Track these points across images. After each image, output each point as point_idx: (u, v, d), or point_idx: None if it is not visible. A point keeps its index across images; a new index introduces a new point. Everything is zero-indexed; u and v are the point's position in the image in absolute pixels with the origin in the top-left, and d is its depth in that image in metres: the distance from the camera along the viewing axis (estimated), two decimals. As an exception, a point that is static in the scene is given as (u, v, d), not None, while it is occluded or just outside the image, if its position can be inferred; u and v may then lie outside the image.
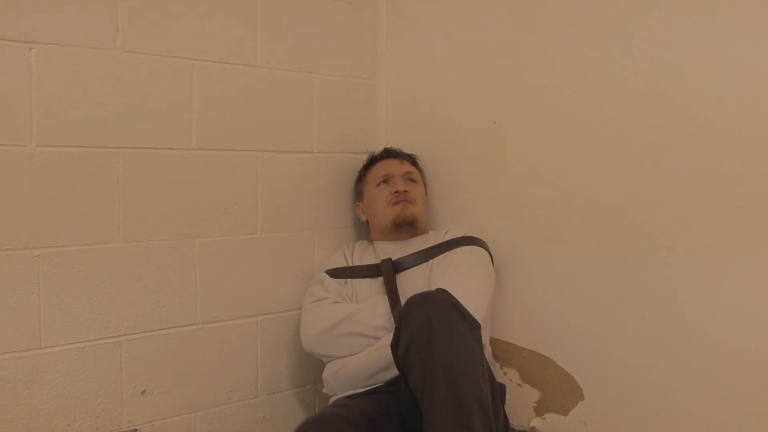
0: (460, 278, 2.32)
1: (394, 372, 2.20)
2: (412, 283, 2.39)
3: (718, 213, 2.18)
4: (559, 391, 2.52)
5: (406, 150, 2.69)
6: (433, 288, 2.24)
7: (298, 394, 2.58)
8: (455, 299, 2.02)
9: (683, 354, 2.27)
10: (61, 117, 2.02)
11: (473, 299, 2.22)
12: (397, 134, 2.81)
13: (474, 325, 2.02)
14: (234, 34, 2.36)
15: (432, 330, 1.93)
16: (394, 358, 2.04)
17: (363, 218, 2.66)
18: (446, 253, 2.42)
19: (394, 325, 2.24)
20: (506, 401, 2.44)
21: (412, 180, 2.60)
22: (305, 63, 2.55)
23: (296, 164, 2.53)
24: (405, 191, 2.54)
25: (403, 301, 2.28)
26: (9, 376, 1.97)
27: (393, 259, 2.44)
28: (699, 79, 2.19)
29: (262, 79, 2.43)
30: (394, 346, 2.03)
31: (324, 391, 2.41)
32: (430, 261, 2.43)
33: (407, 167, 2.62)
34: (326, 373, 2.36)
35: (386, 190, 2.57)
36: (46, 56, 1.98)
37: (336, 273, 2.49)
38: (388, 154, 2.65)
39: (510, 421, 2.54)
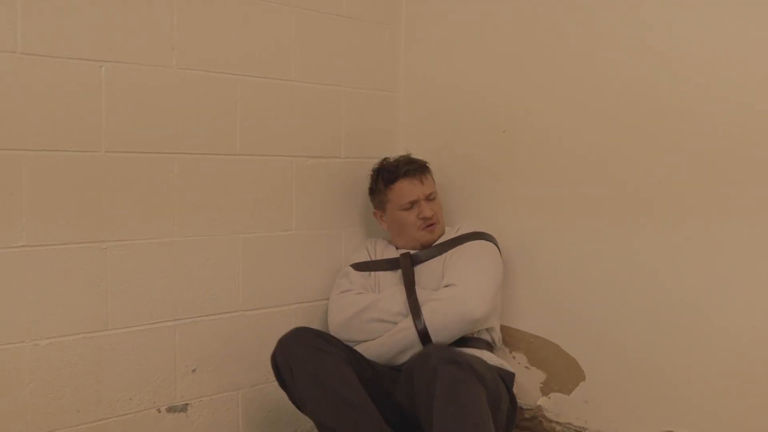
0: (470, 270, 2.57)
1: (411, 353, 2.45)
2: (427, 274, 2.64)
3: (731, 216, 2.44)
4: (563, 373, 2.76)
5: (423, 155, 2.94)
6: (445, 282, 2.54)
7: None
8: (455, 354, 2.20)
9: (675, 336, 2.50)
10: (126, 126, 2.28)
11: (481, 288, 2.50)
12: (414, 140, 3.04)
13: (470, 371, 2.15)
14: (272, 53, 2.62)
15: (436, 382, 2.11)
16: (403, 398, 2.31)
17: (383, 227, 2.83)
18: (458, 247, 2.67)
19: (409, 311, 2.51)
20: (514, 383, 2.70)
21: (433, 199, 2.76)
22: (334, 77, 2.81)
23: (326, 168, 2.80)
24: (433, 216, 2.72)
25: (420, 291, 2.56)
26: (80, 354, 2.23)
27: (411, 253, 2.71)
28: (707, 67, 2.43)
29: (296, 92, 2.69)
30: (403, 389, 2.30)
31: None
32: (444, 254, 2.67)
33: (427, 187, 2.75)
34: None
35: (413, 214, 2.72)
36: (114, 73, 2.25)
37: (360, 266, 2.75)
38: (406, 173, 2.74)
39: (518, 401, 2.80)
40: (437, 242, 2.73)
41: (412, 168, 2.75)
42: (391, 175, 2.76)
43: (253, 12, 2.57)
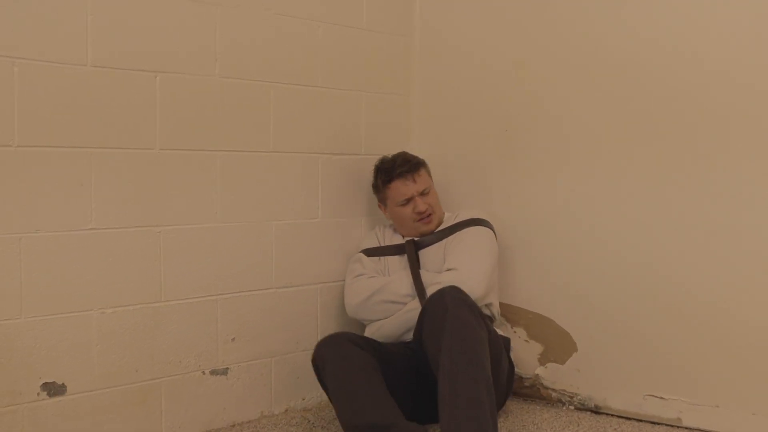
0: (468, 253, 2.88)
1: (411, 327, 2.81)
2: (430, 258, 2.96)
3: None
4: (558, 345, 3.09)
5: (433, 150, 3.28)
6: (447, 266, 2.85)
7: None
8: (464, 295, 2.56)
9: (657, 310, 2.84)
10: (177, 127, 2.65)
11: (479, 270, 2.82)
12: (426, 138, 3.38)
13: (477, 313, 2.55)
14: (301, 62, 2.97)
15: (446, 319, 2.47)
16: (418, 337, 2.62)
17: (387, 217, 3.13)
18: (457, 233, 2.98)
19: (416, 293, 2.85)
20: (512, 350, 3.03)
21: (427, 193, 3.01)
22: (355, 83, 3.16)
23: (348, 164, 3.14)
24: (425, 210, 2.99)
25: (424, 274, 2.89)
26: (138, 322, 2.60)
27: (415, 239, 3.03)
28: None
29: (322, 96, 3.05)
30: (418, 327, 2.62)
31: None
32: (444, 240, 2.98)
33: (420, 184, 2.99)
34: (367, 332, 2.96)
35: (409, 209, 2.99)
36: (166, 82, 2.62)
37: (370, 252, 3.06)
38: (400, 174, 2.99)
39: (517, 370, 3.13)
40: (438, 229, 3.04)
41: (405, 169, 2.99)
42: (387, 175, 3.02)
43: (285, 25, 2.92)
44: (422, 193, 3.01)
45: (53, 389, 2.42)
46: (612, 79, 2.92)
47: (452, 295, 2.53)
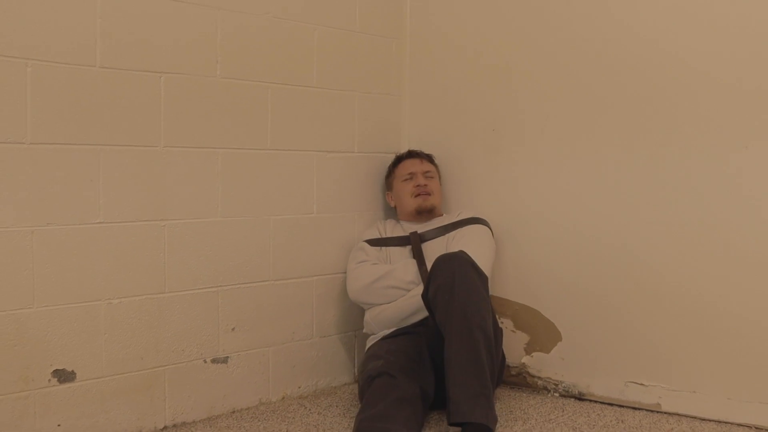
0: (471, 245, 3.02)
1: (420, 316, 2.94)
2: (432, 251, 3.09)
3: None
4: (543, 335, 3.23)
5: (424, 149, 3.40)
6: (452, 249, 2.98)
7: (342, 338, 3.31)
8: (472, 259, 2.76)
9: (636, 301, 2.98)
10: (180, 125, 2.76)
11: (481, 255, 2.96)
12: (416, 137, 3.51)
13: (484, 278, 2.76)
14: (297, 63, 3.10)
15: (454, 280, 2.65)
16: (425, 301, 2.76)
17: (392, 204, 3.35)
18: (459, 229, 3.15)
19: (421, 281, 2.99)
20: (503, 342, 3.17)
21: (430, 176, 3.28)
22: (349, 83, 3.29)
23: (342, 161, 3.27)
24: (425, 185, 3.24)
25: (428, 264, 3.02)
26: (143, 312, 2.71)
27: (419, 232, 3.20)
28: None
29: (317, 96, 3.17)
30: (425, 291, 2.76)
31: (364, 330, 3.16)
32: (446, 235, 3.15)
33: (426, 166, 3.30)
34: (368, 316, 3.09)
35: (410, 184, 3.25)
36: (171, 82, 2.73)
37: (373, 242, 3.21)
38: (411, 155, 3.33)
39: (506, 359, 3.28)
40: (440, 225, 3.19)
41: (416, 152, 3.33)
42: (400, 158, 3.34)
43: (283, 28, 3.05)
44: (425, 174, 3.25)
45: (63, 376, 2.53)
46: (588, 85, 3.06)
47: (461, 258, 2.72)
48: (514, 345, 3.30)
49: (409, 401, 2.62)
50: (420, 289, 2.94)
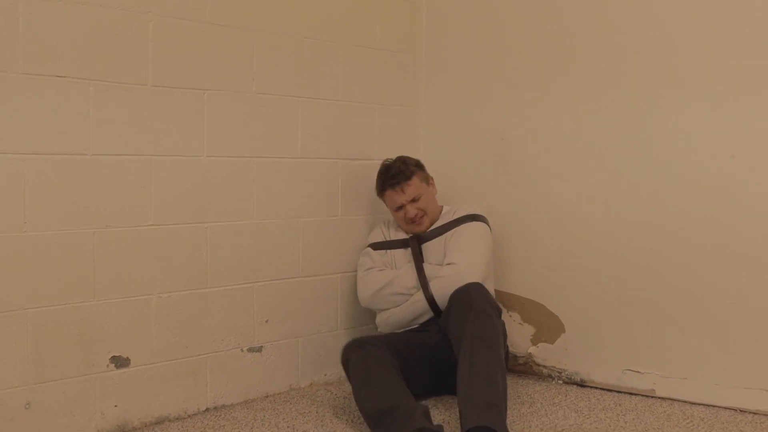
0: (466, 248, 3.24)
1: (424, 318, 3.23)
2: (432, 251, 3.32)
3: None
4: (548, 327, 3.52)
5: (439, 156, 3.70)
6: (447, 260, 3.22)
7: (364, 330, 3.57)
8: (485, 291, 2.99)
9: (635, 296, 3.26)
10: (220, 136, 3.06)
11: (475, 264, 3.19)
12: (431, 145, 3.80)
13: (495, 307, 2.96)
14: (324, 79, 3.39)
15: (471, 310, 2.87)
16: (445, 322, 3.02)
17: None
18: (455, 229, 3.33)
19: (419, 286, 3.21)
20: (508, 337, 3.44)
21: (417, 199, 3.30)
22: (370, 96, 3.58)
23: (364, 168, 3.56)
24: (416, 215, 3.31)
25: (427, 267, 3.24)
26: (188, 305, 3.00)
27: (418, 235, 3.38)
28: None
29: (342, 109, 3.47)
30: (446, 315, 3.01)
31: (378, 330, 3.43)
32: (444, 235, 3.34)
33: (410, 193, 3.29)
34: (378, 320, 3.37)
35: (401, 214, 3.33)
36: (212, 98, 3.04)
37: (377, 246, 3.42)
38: (388, 183, 3.31)
39: (512, 349, 3.54)
40: (438, 224, 3.38)
41: (395, 181, 3.31)
42: (381, 185, 3.37)
43: (311, 46, 3.34)
44: (413, 200, 3.32)
45: (119, 362, 2.83)
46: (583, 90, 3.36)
47: (477, 291, 2.96)
48: (521, 336, 3.59)
49: (386, 361, 2.90)
50: (420, 294, 3.21)
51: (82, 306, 2.74)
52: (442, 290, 3.16)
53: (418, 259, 3.31)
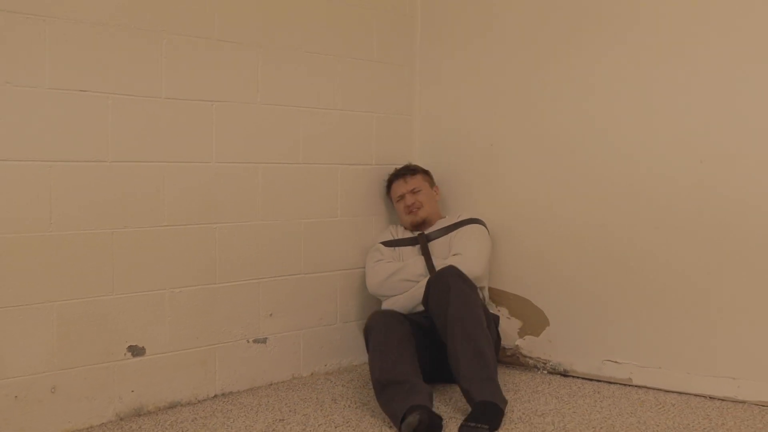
0: (470, 246, 3.55)
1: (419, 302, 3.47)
2: (438, 248, 3.62)
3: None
4: (534, 321, 3.76)
5: (431, 161, 3.96)
6: (452, 252, 3.50)
7: (361, 324, 3.77)
8: (459, 270, 3.23)
9: (613, 290, 3.50)
10: (229, 145, 3.32)
11: (477, 254, 3.50)
12: (425, 152, 4.05)
13: (472, 285, 3.23)
14: (324, 89, 3.65)
15: (450, 292, 3.14)
16: (426, 308, 3.28)
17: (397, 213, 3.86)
18: (459, 229, 3.65)
19: (428, 273, 3.50)
20: (500, 326, 3.71)
21: (418, 191, 3.71)
22: (367, 105, 3.83)
23: (361, 172, 3.82)
24: (413, 203, 3.70)
25: (434, 259, 3.54)
26: (199, 299, 3.26)
27: (426, 232, 3.72)
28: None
29: (341, 117, 3.72)
30: (425, 300, 3.26)
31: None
32: (449, 234, 3.65)
33: (411, 184, 3.72)
34: (385, 305, 3.61)
35: (401, 204, 3.73)
36: (221, 109, 3.29)
37: (387, 243, 3.72)
38: (397, 175, 3.78)
39: (502, 342, 3.80)
40: (443, 225, 3.69)
41: (400, 172, 3.78)
42: (390, 179, 3.82)
43: (312, 60, 3.60)
44: (412, 191, 3.71)
45: (136, 351, 3.09)
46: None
47: (451, 272, 3.22)
48: (508, 330, 3.83)
49: (407, 340, 3.14)
50: (423, 281, 3.45)
51: (102, 299, 3.00)
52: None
53: (427, 252, 3.61)
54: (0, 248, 2.74)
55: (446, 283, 3.18)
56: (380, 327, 3.19)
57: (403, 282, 3.56)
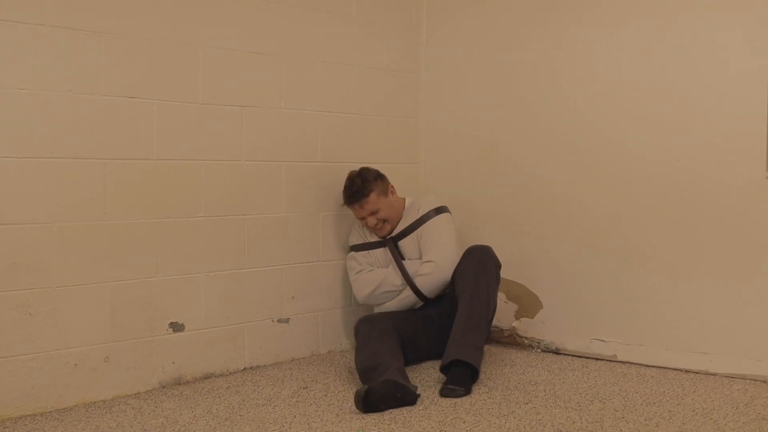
0: (437, 242, 3.78)
1: (415, 307, 3.82)
2: (408, 247, 3.86)
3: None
4: (529, 304, 4.15)
5: (435, 161, 4.36)
6: (424, 258, 3.76)
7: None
8: (492, 252, 3.61)
9: (599, 274, 3.88)
10: (257, 145, 3.72)
11: (447, 252, 3.76)
12: (430, 151, 4.45)
13: (498, 265, 3.63)
14: (339, 95, 4.05)
15: (478, 265, 3.54)
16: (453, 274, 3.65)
17: None
18: (423, 226, 3.83)
19: (406, 283, 3.78)
20: (497, 309, 4.06)
21: (375, 212, 3.81)
22: (377, 110, 4.23)
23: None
24: (375, 224, 3.84)
25: (406, 263, 3.80)
26: (229, 283, 3.66)
27: (393, 235, 3.94)
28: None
29: (355, 120, 4.12)
30: (458, 266, 3.61)
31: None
32: (415, 232, 3.87)
33: (367, 208, 3.80)
34: (375, 310, 3.95)
35: (365, 223, 3.87)
36: (250, 114, 3.70)
37: (358, 248, 3.96)
38: (351, 201, 3.81)
39: (499, 323, 4.17)
40: (406, 224, 3.88)
41: (353, 199, 3.83)
42: (344, 200, 3.88)
43: (329, 69, 4.00)
44: (371, 214, 3.84)
45: (176, 327, 3.49)
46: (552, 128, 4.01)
47: (486, 251, 3.61)
48: (506, 313, 4.22)
49: (387, 332, 3.51)
50: (408, 290, 3.79)
51: (148, 281, 3.40)
52: (428, 285, 3.78)
53: (398, 258, 3.85)
54: (62, 235, 3.14)
55: (479, 257, 3.58)
56: (364, 330, 3.57)
57: (386, 293, 3.85)
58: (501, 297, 4.23)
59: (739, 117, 3.50)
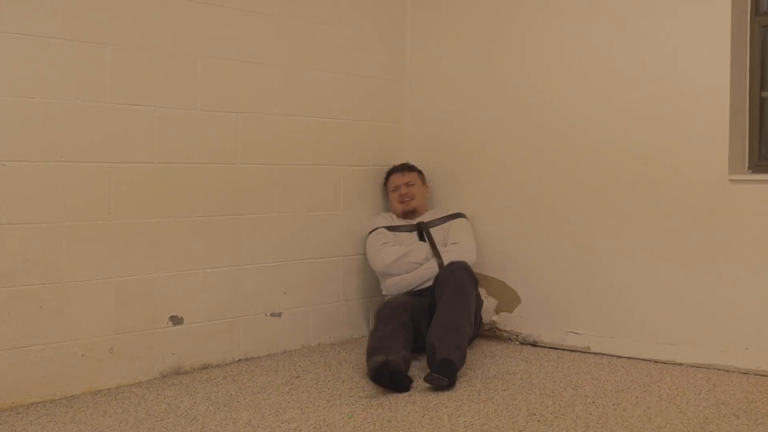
0: (465, 238, 4.19)
1: (428, 284, 4.08)
2: (436, 235, 4.22)
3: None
4: (508, 299, 4.38)
5: (419, 163, 4.56)
6: (450, 241, 4.12)
7: (361, 302, 4.47)
8: (467, 266, 3.91)
9: (571, 274, 4.15)
10: (251, 149, 3.94)
11: (471, 244, 4.15)
12: (414, 154, 4.65)
13: (472, 276, 3.90)
14: (330, 101, 4.27)
15: (451, 277, 3.81)
16: (432, 288, 3.94)
17: (389, 203, 4.46)
18: (452, 221, 4.26)
19: (432, 257, 4.11)
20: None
21: (411, 184, 4.37)
22: (365, 115, 4.46)
23: (360, 172, 4.44)
24: (406, 193, 4.35)
25: (436, 244, 4.14)
26: (226, 279, 3.88)
27: (425, 221, 4.29)
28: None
29: (344, 126, 4.35)
30: (434, 283, 3.92)
31: (383, 293, 4.30)
32: (445, 224, 4.25)
33: (407, 177, 4.38)
34: (388, 282, 4.21)
35: (396, 194, 4.38)
36: (245, 120, 3.92)
37: (387, 228, 4.29)
38: (395, 169, 4.44)
39: (482, 320, 4.44)
40: (438, 216, 4.30)
41: (399, 167, 4.44)
42: (389, 172, 4.47)
43: (321, 77, 4.23)
44: (407, 184, 4.34)
45: (176, 320, 3.71)
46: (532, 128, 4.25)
47: (459, 264, 3.91)
48: (486, 307, 4.44)
49: (405, 326, 3.77)
50: (430, 263, 4.10)
51: (150, 277, 3.62)
52: (452, 257, 4.09)
53: (430, 237, 4.22)
54: (70, 234, 3.36)
55: (451, 271, 3.88)
56: (383, 314, 3.85)
57: (410, 264, 4.15)
58: (482, 293, 4.45)
59: (705, 117, 3.76)
